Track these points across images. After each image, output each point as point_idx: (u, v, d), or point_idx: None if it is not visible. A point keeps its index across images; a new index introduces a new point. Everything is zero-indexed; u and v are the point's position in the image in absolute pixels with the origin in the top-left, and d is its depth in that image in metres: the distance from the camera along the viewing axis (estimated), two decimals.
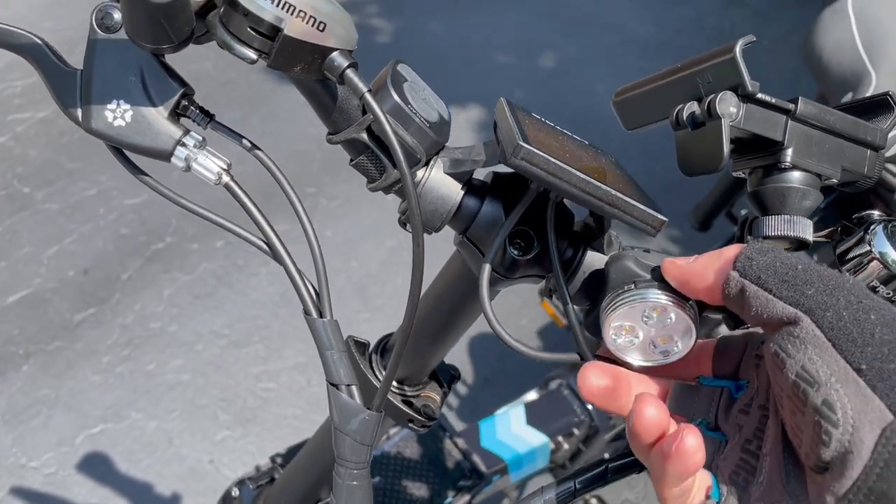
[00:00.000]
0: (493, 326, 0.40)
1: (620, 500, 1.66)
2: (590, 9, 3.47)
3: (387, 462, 0.88)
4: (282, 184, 0.39)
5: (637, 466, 0.42)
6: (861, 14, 1.01)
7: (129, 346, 1.88)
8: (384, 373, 0.54)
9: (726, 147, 0.40)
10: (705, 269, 0.35)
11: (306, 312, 0.39)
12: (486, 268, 0.41)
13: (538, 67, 3.11)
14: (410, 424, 0.54)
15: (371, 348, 0.55)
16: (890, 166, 1.17)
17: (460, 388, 1.86)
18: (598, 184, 0.36)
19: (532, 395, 1.17)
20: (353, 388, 0.40)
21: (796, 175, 0.42)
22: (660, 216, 0.37)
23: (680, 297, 0.39)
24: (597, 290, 0.43)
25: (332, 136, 0.41)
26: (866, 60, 0.98)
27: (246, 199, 0.39)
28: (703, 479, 0.36)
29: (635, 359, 0.41)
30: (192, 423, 1.74)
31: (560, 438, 1.10)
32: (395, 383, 0.54)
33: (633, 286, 0.39)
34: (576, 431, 1.10)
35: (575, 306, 0.44)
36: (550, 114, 0.43)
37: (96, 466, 1.65)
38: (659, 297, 0.39)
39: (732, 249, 0.35)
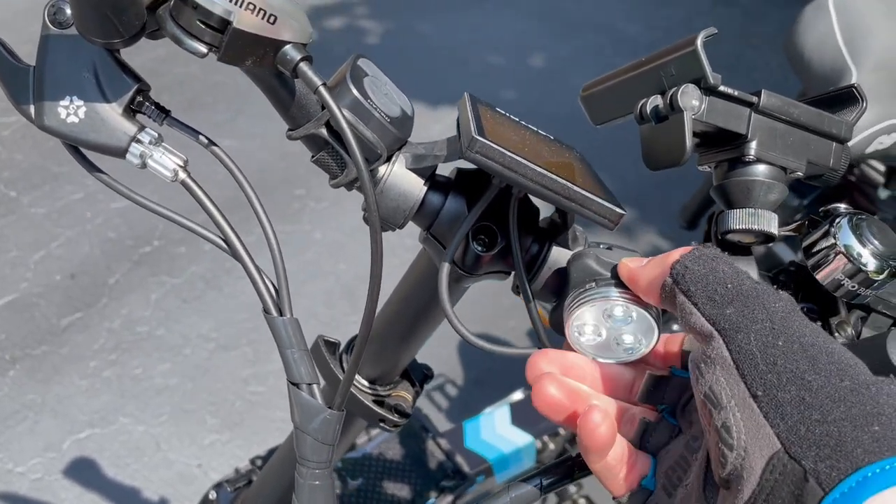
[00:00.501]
0: (451, 322, 0.39)
1: (611, 499, 1.66)
2: (580, 9, 3.47)
3: (368, 463, 0.87)
4: (238, 178, 0.39)
5: None
6: (841, 9, 1.01)
7: (117, 350, 1.87)
8: None
9: (689, 140, 0.39)
10: (652, 272, 0.35)
11: (266, 311, 0.39)
12: (445, 265, 0.41)
13: (529, 67, 3.12)
14: (382, 424, 0.53)
15: (342, 348, 0.54)
16: (872, 162, 1.17)
17: (450, 389, 1.85)
18: (554, 177, 0.35)
19: (518, 395, 1.17)
20: (315, 386, 0.39)
21: (761, 168, 0.42)
22: (617, 210, 0.36)
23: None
24: (561, 287, 0.42)
25: (292, 131, 0.40)
26: (847, 56, 0.98)
27: (203, 197, 0.38)
28: (643, 465, 0.36)
29: (599, 356, 0.41)
30: (180, 427, 1.73)
31: (546, 438, 1.10)
32: (366, 383, 0.54)
33: (593, 284, 0.39)
34: (562, 431, 1.10)
35: (542, 303, 0.44)
36: (540, 113, 0.43)
37: (83, 472, 1.64)
38: (619, 295, 0.38)
39: (676, 254, 0.34)
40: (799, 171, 0.42)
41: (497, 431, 1.02)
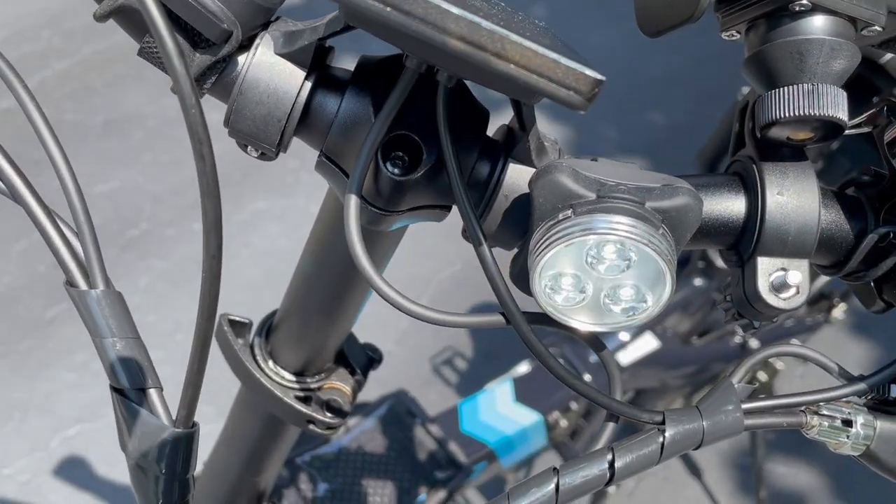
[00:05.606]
0: (370, 281, 0.26)
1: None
2: None
3: (344, 459, 0.75)
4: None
5: None
6: None
7: None
8: (270, 361, 0.40)
9: None
10: None
11: (69, 282, 0.26)
12: (352, 198, 0.27)
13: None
14: (311, 426, 0.40)
15: (254, 329, 0.41)
16: None
17: (459, 363, 1.73)
18: (493, 27, 0.21)
19: (523, 368, 1.04)
20: (153, 391, 0.26)
21: (818, 21, 0.27)
22: (590, 73, 0.22)
23: (645, 223, 0.25)
24: (526, 223, 0.28)
25: (98, 9, 0.27)
26: None
27: None
28: None
29: (584, 322, 0.27)
30: None
31: (556, 414, 0.97)
32: (287, 375, 0.41)
33: (569, 213, 0.25)
34: (573, 406, 0.97)
35: (497, 247, 0.30)
36: None
37: (73, 470, 1.55)
38: (611, 225, 0.24)
39: None
40: (876, 24, 0.28)
41: (498, 411, 0.90)
